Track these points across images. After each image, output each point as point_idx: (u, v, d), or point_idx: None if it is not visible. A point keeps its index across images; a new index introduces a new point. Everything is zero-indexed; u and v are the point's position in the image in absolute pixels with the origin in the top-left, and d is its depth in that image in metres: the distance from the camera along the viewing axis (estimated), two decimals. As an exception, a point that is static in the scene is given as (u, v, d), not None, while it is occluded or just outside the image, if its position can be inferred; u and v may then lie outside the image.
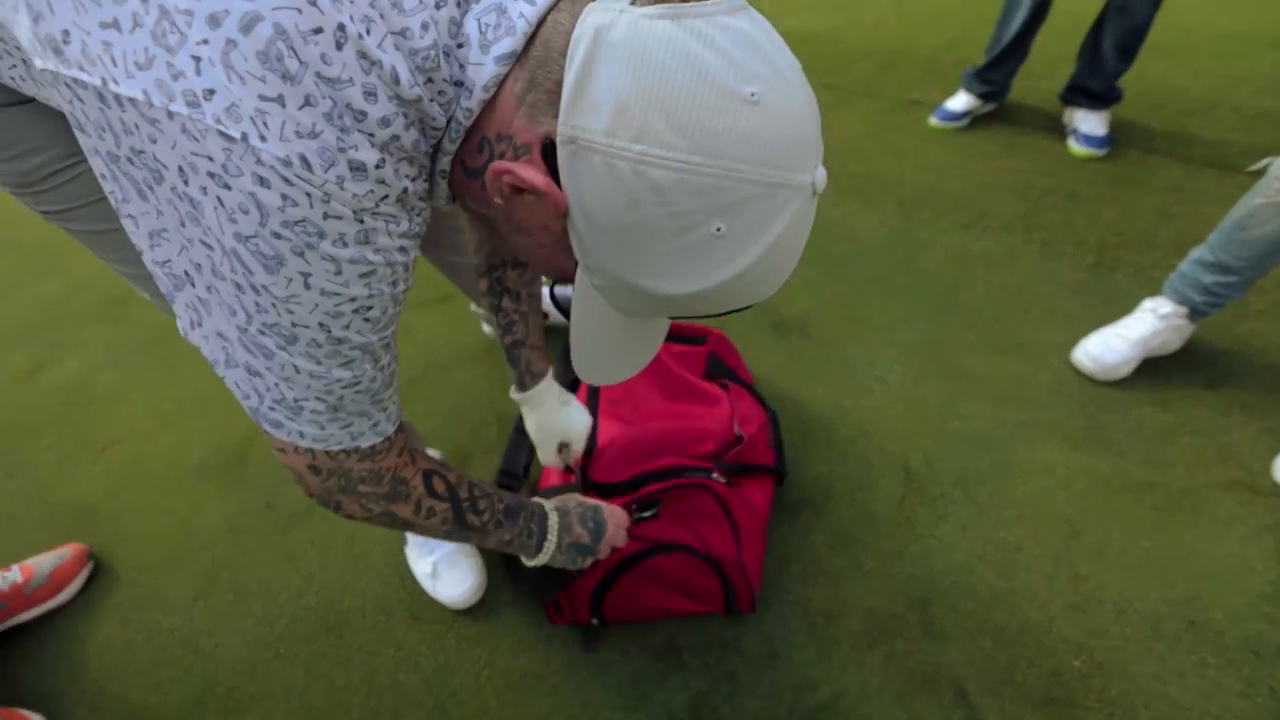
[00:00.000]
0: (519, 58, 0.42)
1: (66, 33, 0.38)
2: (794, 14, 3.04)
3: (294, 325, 0.45)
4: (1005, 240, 1.71)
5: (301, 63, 0.37)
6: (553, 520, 0.80)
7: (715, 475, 0.98)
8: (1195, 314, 1.28)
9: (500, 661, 1.01)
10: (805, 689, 0.95)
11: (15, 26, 0.41)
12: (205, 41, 0.36)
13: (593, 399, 1.09)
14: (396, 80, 0.39)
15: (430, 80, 0.41)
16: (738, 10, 0.40)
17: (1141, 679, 0.93)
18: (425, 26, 0.40)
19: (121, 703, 1.00)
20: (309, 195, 0.39)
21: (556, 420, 0.98)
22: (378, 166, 0.41)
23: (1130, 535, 1.09)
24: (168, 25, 0.36)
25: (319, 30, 0.37)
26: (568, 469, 1.03)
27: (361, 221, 0.42)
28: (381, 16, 0.39)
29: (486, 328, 1.55)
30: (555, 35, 0.41)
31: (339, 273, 0.43)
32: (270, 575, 1.14)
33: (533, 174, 0.42)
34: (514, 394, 0.98)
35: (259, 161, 0.38)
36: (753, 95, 0.39)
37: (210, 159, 0.38)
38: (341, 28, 0.37)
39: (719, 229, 0.41)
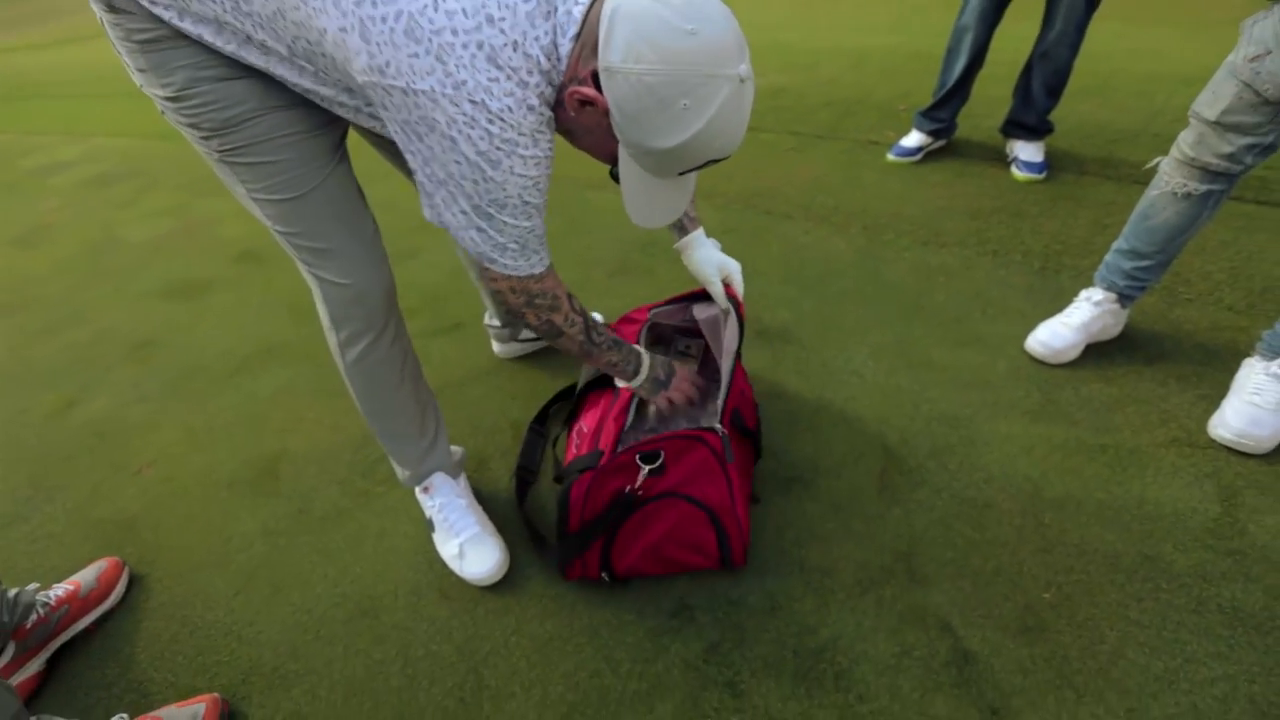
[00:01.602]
0: (579, 35, 0.72)
1: (388, 63, 0.69)
2: (761, 74, 3.34)
3: (505, 197, 0.78)
4: (960, 253, 1.90)
5: (502, 62, 0.70)
6: (646, 359, 1.12)
7: (719, 428, 1.08)
8: (1123, 299, 1.45)
9: (527, 628, 1.09)
10: (806, 633, 1.04)
11: (353, 61, 0.71)
12: (460, 56, 0.68)
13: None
14: (540, 66, 0.72)
15: (548, 59, 0.72)
16: None
17: (1105, 605, 1.04)
18: (546, 32, 0.71)
19: (170, 687, 1.07)
20: (513, 126, 0.73)
21: (716, 256, 1.19)
22: (539, 110, 0.75)
23: (1087, 489, 1.22)
24: (442, 50, 0.68)
25: (507, 44, 0.69)
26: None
27: (534, 138, 0.76)
28: (527, 30, 0.70)
29: (496, 345, 1.68)
30: (593, 16, 0.72)
31: (525, 164, 0.77)
32: (306, 570, 1.23)
33: (589, 90, 0.73)
34: (677, 244, 1.20)
35: (489, 112, 0.71)
36: (691, 30, 0.68)
37: (464, 114, 0.71)
38: (515, 44, 0.70)
39: (685, 104, 0.70)
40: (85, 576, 1.19)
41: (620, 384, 1.15)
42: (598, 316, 1.57)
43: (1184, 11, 3.78)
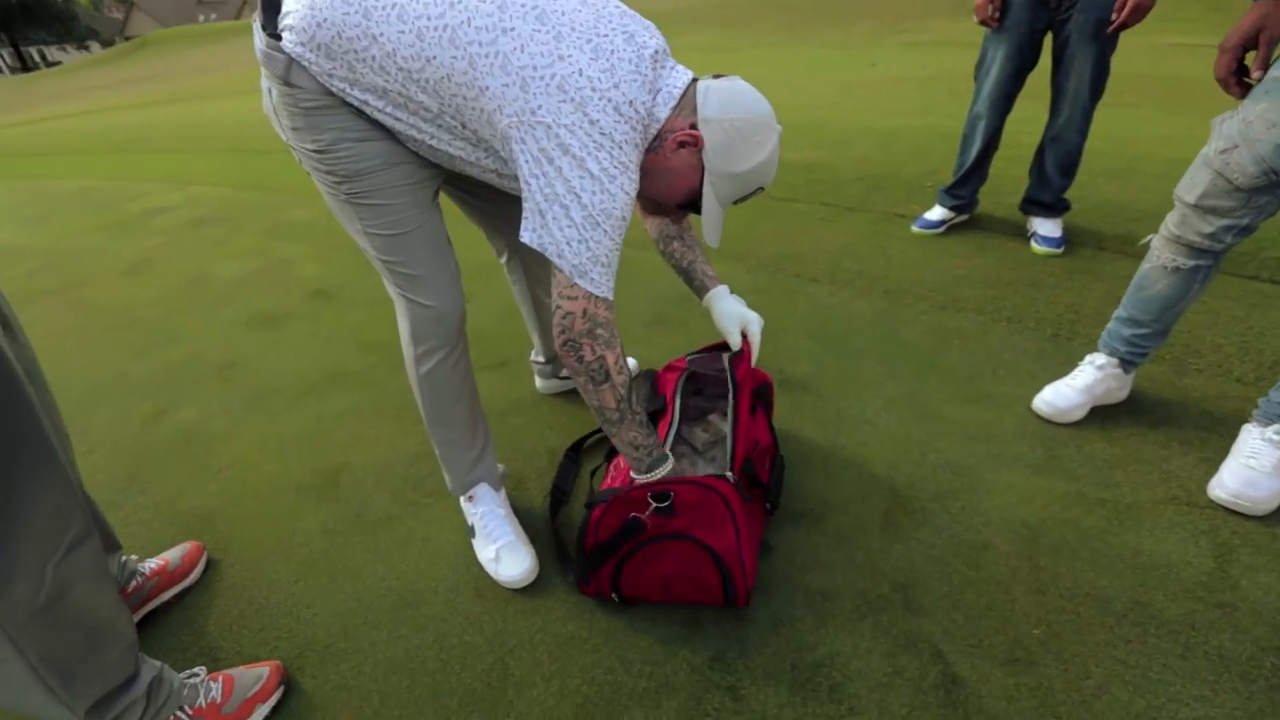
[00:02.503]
0: (677, 104, 1.01)
1: (540, 106, 0.90)
2: (795, 149, 3.59)
3: (613, 208, 0.95)
4: (976, 319, 2.01)
5: (624, 113, 0.93)
6: (669, 465, 1.19)
7: (730, 476, 1.20)
8: (1125, 364, 1.53)
9: (551, 627, 1.20)
10: (805, 649, 1.13)
11: (505, 109, 0.91)
12: (596, 105, 0.91)
13: (663, 404, 1.37)
14: (644, 121, 0.98)
15: (648, 117, 0.99)
16: (735, 78, 1.05)
17: (1093, 644, 1.10)
18: (648, 101, 0.98)
19: (236, 655, 1.21)
20: (624, 151, 0.95)
21: (737, 310, 1.35)
22: (637, 145, 0.98)
23: (1084, 538, 1.29)
24: (583, 100, 0.90)
25: (626, 102, 0.94)
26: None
27: (634, 166, 0.98)
28: (639, 97, 0.95)
29: (539, 381, 1.85)
30: (689, 91, 1.03)
31: (628, 185, 0.96)
32: (359, 565, 1.37)
33: (693, 133, 1.01)
34: (703, 302, 1.37)
35: (613, 142, 0.93)
36: (757, 99, 1.04)
37: (594, 142, 0.92)
38: (631, 103, 0.94)
39: (757, 140, 1.03)
40: (172, 555, 1.36)
41: (633, 474, 1.19)
42: (632, 362, 1.75)
43: (1215, 101, 3.92)
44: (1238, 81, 1.22)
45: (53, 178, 5.85)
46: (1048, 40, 2.11)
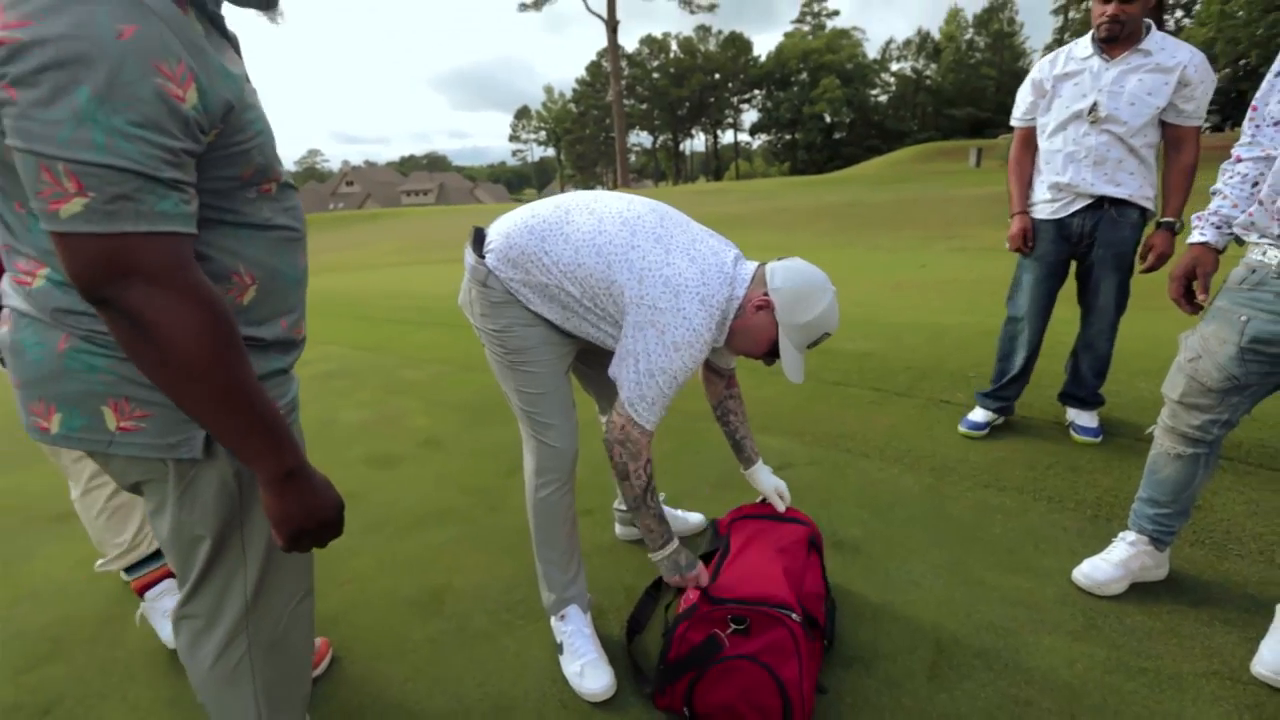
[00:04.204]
0: (749, 283, 1.40)
1: (647, 293, 1.31)
2: (849, 339, 4.01)
3: (670, 367, 1.30)
4: (1018, 497, 2.19)
5: (708, 305, 1.33)
6: (674, 544, 1.48)
7: (794, 616, 1.40)
8: (1155, 541, 1.68)
9: (625, 739, 1.36)
10: (857, 780, 1.24)
11: (625, 293, 1.33)
12: (687, 296, 1.31)
13: (725, 543, 1.61)
14: (723, 309, 1.37)
15: (728, 304, 1.37)
16: (795, 258, 1.44)
17: (1133, 801, 1.16)
18: (727, 294, 1.37)
19: (355, 739, 1.40)
20: (696, 339, 1.31)
21: (772, 480, 1.77)
22: (713, 330, 1.34)
23: (1125, 703, 1.37)
24: (679, 292, 1.31)
25: (712, 296, 1.33)
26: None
27: (700, 350, 1.33)
28: (720, 290, 1.35)
29: (619, 528, 2.12)
30: (758, 274, 1.42)
31: (688, 359, 1.32)
32: (460, 672, 1.58)
33: (767, 299, 1.38)
34: (746, 472, 1.78)
35: (690, 328, 1.31)
36: (812, 273, 1.41)
37: (674, 324, 1.30)
38: (715, 296, 1.35)
39: (816, 298, 1.37)
40: (305, 650, 1.61)
41: (650, 553, 1.50)
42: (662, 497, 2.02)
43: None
44: (1189, 301, 1.54)
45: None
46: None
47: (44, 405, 0.85)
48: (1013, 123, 2.57)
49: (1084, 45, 2.31)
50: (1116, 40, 2.20)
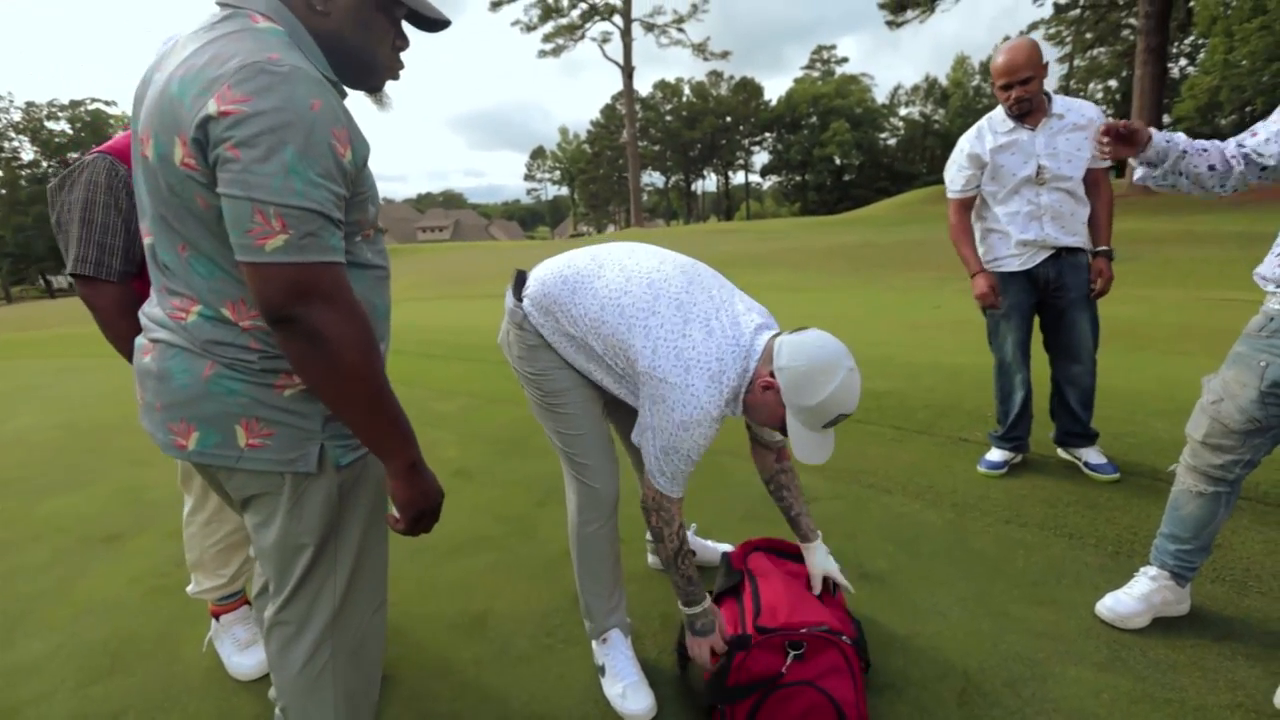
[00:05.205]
0: (761, 356, 1.38)
1: (659, 366, 1.38)
2: (868, 379, 4.06)
3: (681, 446, 1.38)
4: (1039, 533, 2.25)
5: (719, 382, 1.37)
6: (705, 604, 1.52)
7: (845, 639, 1.47)
8: (1177, 576, 1.73)
9: (667, 757, 1.42)
10: (893, 800, 1.29)
11: (638, 362, 1.39)
12: (696, 372, 1.36)
13: (747, 573, 1.68)
14: (734, 387, 1.40)
15: (740, 380, 1.39)
16: (810, 330, 1.38)
17: (1162, 825, 1.21)
18: (740, 369, 1.40)
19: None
20: (705, 419, 1.37)
21: (825, 564, 1.70)
22: (720, 414, 1.40)
23: (1150, 732, 1.42)
24: (689, 367, 1.36)
25: (724, 373, 1.38)
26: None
27: (711, 427, 1.39)
28: (732, 368, 1.39)
29: (651, 557, 2.19)
30: (768, 347, 1.40)
31: (699, 438, 1.38)
32: (505, 692, 1.65)
33: (771, 380, 1.35)
34: (802, 546, 1.73)
35: (699, 407, 1.36)
36: (820, 346, 1.34)
37: (682, 403, 1.36)
38: (725, 373, 1.38)
39: (822, 380, 1.31)
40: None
41: (681, 607, 1.54)
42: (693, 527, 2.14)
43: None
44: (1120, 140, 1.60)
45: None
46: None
47: (184, 425, 0.97)
48: (951, 195, 2.75)
49: (1001, 120, 2.55)
50: (1029, 113, 2.46)
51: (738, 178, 76.98)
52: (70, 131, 41.43)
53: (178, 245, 0.94)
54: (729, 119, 66.81)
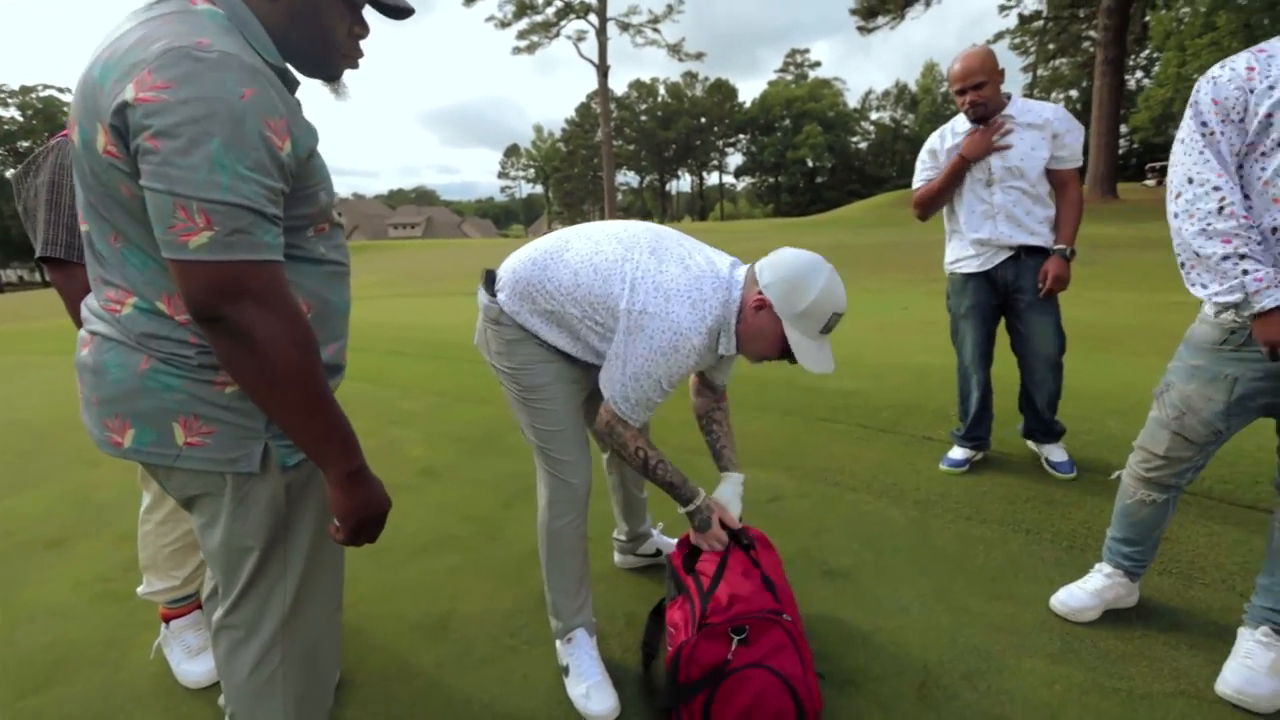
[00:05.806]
0: (743, 287, 1.45)
1: (643, 301, 1.41)
2: (834, 378, 4.14)
3: (654, 372, 1.40)
4: (998, 529, 2.30)
5: (700, 310, 1.41)
6: (700, 499, 1.61)
7: (785, 616, 1.47)
8: (1129, 574, 1.78)
9: (630, 757, 1.41)
10: (852, 794, 1.30)
11: (619, 303, 1.42)
12: (679, 301, 1.40)
13: (719, 570, 1.67)
14: (717, 316, 1.44)
15: (724, 310, 1.44)
16: (781, 249, 1.47)
17: (1110, 812, 1.24)
18: (723, 299, 1.44)
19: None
20: (684, 346, 1.40)
21: (729, 498, 1.73)
22: (704, 335, 1.42)
23: (1101, 719, 1.46)
24: (670, 296, 1.40)
25: (704, 300, 1.42)
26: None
27: (689, 356, 1.41)
28: (713, 296, 1.43)
29: (617, 556, 2.18)
30: (749, 275, 1.48)
31: (674, 366, 1.41)
32: (468, 694, 1.63)
33: (761, 299, 1.41)
34: (721, 473, 1.78)
35: (677, 334, 1.39)
36: (795, 256, 1.44)
37: (662, 330, 1.39)
38: (705, 299, 1.42)
39: (808, 282, 1.38)
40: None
41: (680, 508, 1.62)
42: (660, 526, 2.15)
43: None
44: None
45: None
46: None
47: (119, 421, 0.93)
48: (914, 189, 2.85)
49: (962, 122, 2.63)
50: (986, 117, 2.52)
51: (712, 178, 77.49)
52: (21, 119, 39.86)
53: (109, 235, 0.90)
54: (704, 120, 67.16)
